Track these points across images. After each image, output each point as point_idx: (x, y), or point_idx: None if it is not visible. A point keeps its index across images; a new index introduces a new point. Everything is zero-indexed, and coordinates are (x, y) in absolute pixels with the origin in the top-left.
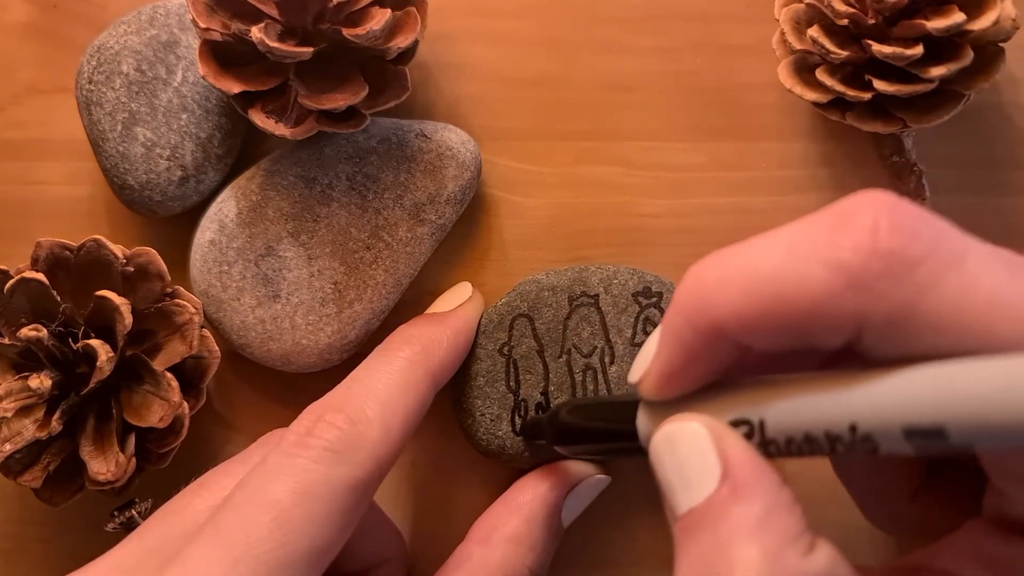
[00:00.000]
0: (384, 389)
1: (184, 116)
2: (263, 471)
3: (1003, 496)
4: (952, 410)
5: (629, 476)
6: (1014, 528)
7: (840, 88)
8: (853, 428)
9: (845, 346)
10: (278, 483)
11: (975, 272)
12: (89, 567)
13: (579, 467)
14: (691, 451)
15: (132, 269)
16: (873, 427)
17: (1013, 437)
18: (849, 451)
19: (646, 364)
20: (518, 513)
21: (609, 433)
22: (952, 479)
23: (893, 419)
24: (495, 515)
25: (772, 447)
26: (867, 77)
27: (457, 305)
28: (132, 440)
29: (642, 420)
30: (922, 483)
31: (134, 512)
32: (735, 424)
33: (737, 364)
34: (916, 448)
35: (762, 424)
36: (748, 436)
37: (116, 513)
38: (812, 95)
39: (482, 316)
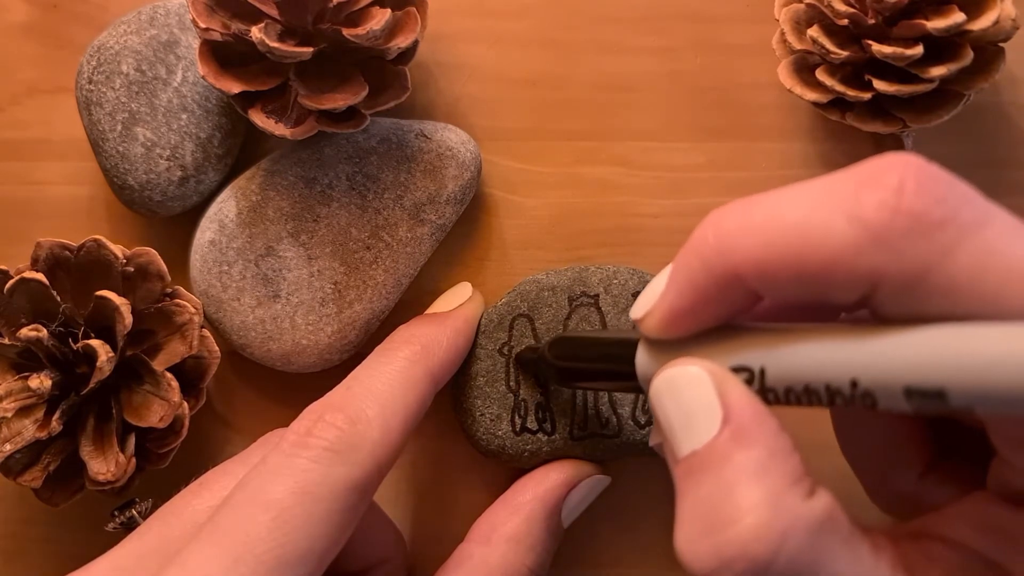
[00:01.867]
0: (384, 389)
1: (184, 116)
2: (263, 471)
3: (1009, 467)
4: (953, 373)
5: (629, 476)
6: (1020, 500)
7: (840, 88)
8: (854, 383)
9: (858, 303)
10: (278, 483)
11: (995, 240)
12: (89, 567)
13: (579, 467)
14: (692, 395)
15: (132, 269)
16: (874, 384)
17: (1013, 403)
18: (847, 405)
19: (652, 302)
20: (518, 513)
21: (607, 371)
22: (959, 459)
23: (894, 378)
24: (495, 515)
25: (771, 395)
26: (867, 77)
27: (457, 305)
28: (132, 440)
29: (641, 358)
30: (930, 463)
31: (134, 512)
32: (736, 370)
33: (744, 312)
34: (915, 408)
35: (763, 372)
36: (748, 383)
37: (116, 513)
38: (812, 95)
39: (482, 316)
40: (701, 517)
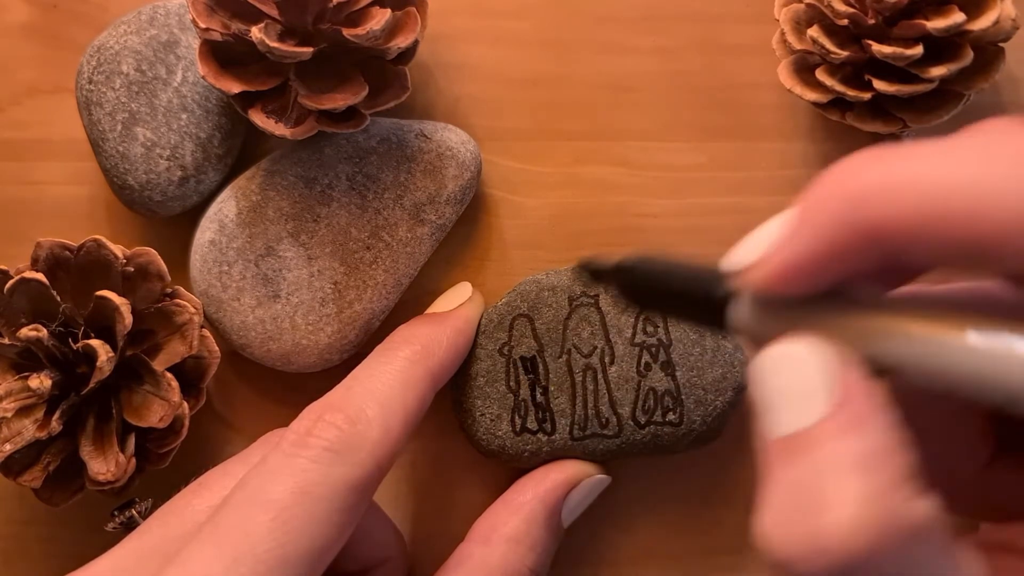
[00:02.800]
0: (384, 389)
1: (184, 116)
2: (263, 471)
3: None
4: None
5: (629, 476)
6: None
7: (840, 88)
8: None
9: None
10: (278, 483)
11: None
12: (89, 567)
13: (580, 467)
14: (804, 372)
15: (132, 269)
16: None
17: None
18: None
19: (761, 249)
20: (518, 513)
21: (689, 304)
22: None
23: None
24: (495, 515)
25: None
26: (867, 77)
27: (457, 305)
28: (132, 440)
29: (744, 312)
30: (994, 453)
31: (134, 512)
32: (857, 357)
33: (862, 276)
34: None
35: (891, 366)
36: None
37: (116, 513)
38: (812, 95)
39: (482, 316)
40: (796, 501)
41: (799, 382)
